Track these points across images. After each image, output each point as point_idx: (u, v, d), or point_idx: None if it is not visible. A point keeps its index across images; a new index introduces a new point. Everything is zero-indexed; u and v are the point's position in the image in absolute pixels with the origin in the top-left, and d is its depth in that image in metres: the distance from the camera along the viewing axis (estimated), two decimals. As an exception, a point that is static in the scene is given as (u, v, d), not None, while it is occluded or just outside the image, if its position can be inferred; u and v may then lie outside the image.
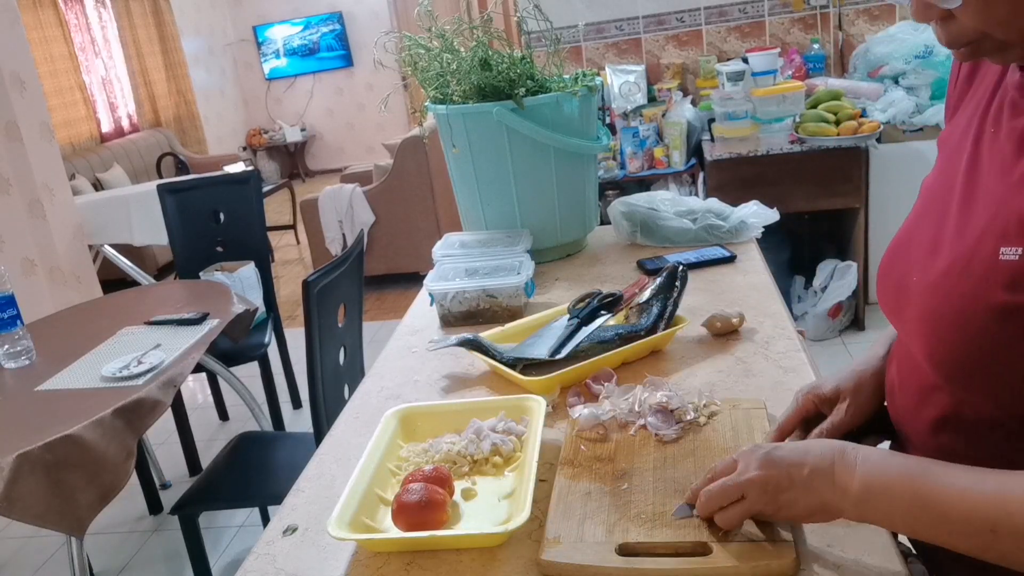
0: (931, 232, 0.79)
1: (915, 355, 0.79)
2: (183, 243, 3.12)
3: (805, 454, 0.75)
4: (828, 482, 0.72)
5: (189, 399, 3.69)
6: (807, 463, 0.74)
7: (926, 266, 0.77)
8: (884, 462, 0.72)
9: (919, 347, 0.76)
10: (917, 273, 0.78)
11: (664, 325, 1.25)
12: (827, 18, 3.84)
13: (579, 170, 1.73)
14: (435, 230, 4.66)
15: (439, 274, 1.55)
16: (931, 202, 0.82)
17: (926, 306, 0.75)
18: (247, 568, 0.90)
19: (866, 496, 0.70)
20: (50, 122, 3.90)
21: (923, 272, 0.77)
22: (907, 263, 0.81)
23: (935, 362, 0.74)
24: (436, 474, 0.93)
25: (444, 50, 1.67)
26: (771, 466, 0.75)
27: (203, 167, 6.32)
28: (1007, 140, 0.73)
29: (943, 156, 0.85)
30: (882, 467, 0.71)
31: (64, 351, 2.16)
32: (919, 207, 0.86)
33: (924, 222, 0.82)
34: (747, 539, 0.78)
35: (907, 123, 3.24)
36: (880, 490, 0.70)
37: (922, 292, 0.76)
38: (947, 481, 0.68)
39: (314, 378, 1.73)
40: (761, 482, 0.75)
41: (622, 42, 4.05)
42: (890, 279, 0.84)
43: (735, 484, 0.76)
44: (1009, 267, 0.67)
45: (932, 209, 0.81)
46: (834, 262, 3.42)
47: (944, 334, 0.72)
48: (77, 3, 6.79)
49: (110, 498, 1.79)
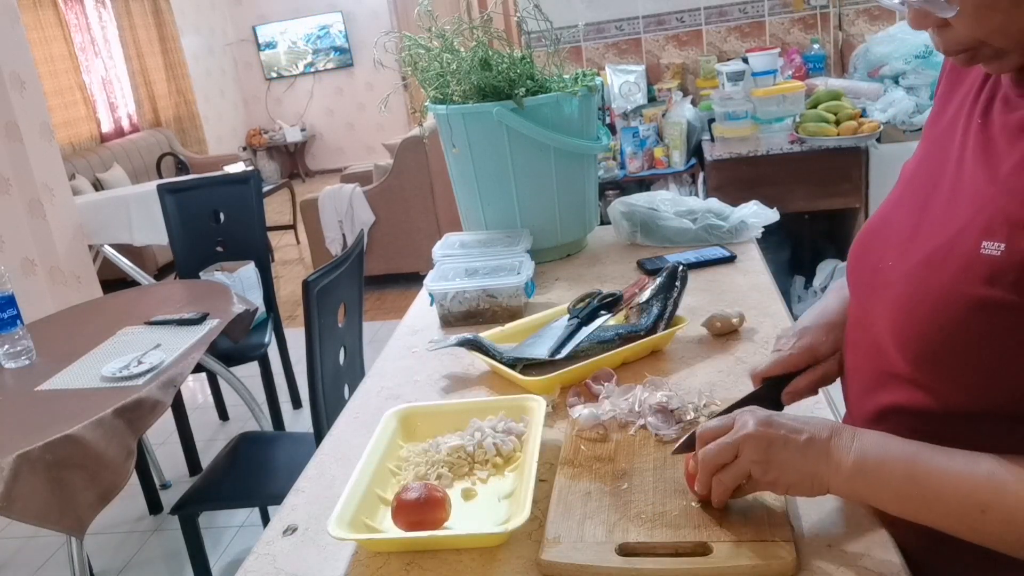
0: (911, 218, 0.78)
1: (880, 340, 0.78)
2: (183, 243, 3.12)
3: (804, 423, 0.76)
4: (823, 453, 0.73)
5: (189, 399, 3.69)
6: (805, 431, 0.75)
7: (903, 252, 0.77)
8: (880, 441, 0.73)
9: (888, 332, 0.76)
10: (893, 258, 0.78)
11: (664, 325, 1.25)
12: (827, 18, 3.84)
13: (579, 170, 1.73)
14: (435, 230, 4.66)
15: (439, 274, 1.55)
16: (912, 188, 0.82)
17: (901, 293, 0.75)
18: (247, 568, 0.90)
19: (859, 472, 0.71)
20: (50, 122, 3.90)
21: (900, 258, 0.77)
22: (883, 246, 0.81)
23: (904, 349, 0.74)
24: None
25: (444, 50, 1.67)
26: (770, 425, 0.76)
27: (203, 167, 6.32)
28: (1000, 134, 0.72)
29: (927, 142, 0.85)
30: (878, 445, 0.72)
31: (64, 351, 2.16)
32: (898, 191, 0.85)
33: (903, 207, 0.81)
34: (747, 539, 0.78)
35: (907, 123, 3.24)
36: (874, 467, 0.71)
37: (898, 279, 0.76)
38: (942, 461, 0.70)
39: (314, 378, 1.73)
40: (757, 438, 0.75)
41: (622, 42, 4.05)
42: (864, 260, 0.84)
43: (732, 441, 0.77)
44: (990, 261, 0.67)
45: (912, 195, 0.81)
46: (834, 262, 3.42)
47: (918, 322, 0.72)
48: (77, 3, 6.79)
49: (110, 498, 1.79)
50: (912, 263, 0.75)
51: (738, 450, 0.76)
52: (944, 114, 0.82)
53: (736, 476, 0.77)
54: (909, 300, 0.73)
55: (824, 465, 0.73)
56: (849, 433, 0.74)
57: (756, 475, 0.76)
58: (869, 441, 0.73)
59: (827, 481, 0.73)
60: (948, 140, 0.78)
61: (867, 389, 0.82)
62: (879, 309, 0.79)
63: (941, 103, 0.84)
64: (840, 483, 0.72)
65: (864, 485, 0.72)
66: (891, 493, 0.71)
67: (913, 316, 0.72)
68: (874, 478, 0.71)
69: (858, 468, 0.71)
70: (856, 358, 0.85)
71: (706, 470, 0.79)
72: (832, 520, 0.82)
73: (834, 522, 0.82)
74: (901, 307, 0.74)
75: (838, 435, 0.74)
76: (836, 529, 0.81)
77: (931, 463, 0.70)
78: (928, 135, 0.85)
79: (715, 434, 0.79)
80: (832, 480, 0.73)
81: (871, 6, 3.80)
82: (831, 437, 0.74)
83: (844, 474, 0.72)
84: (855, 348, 0.86)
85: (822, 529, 0.81)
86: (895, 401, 0.77)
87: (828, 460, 0.73)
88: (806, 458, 0.74)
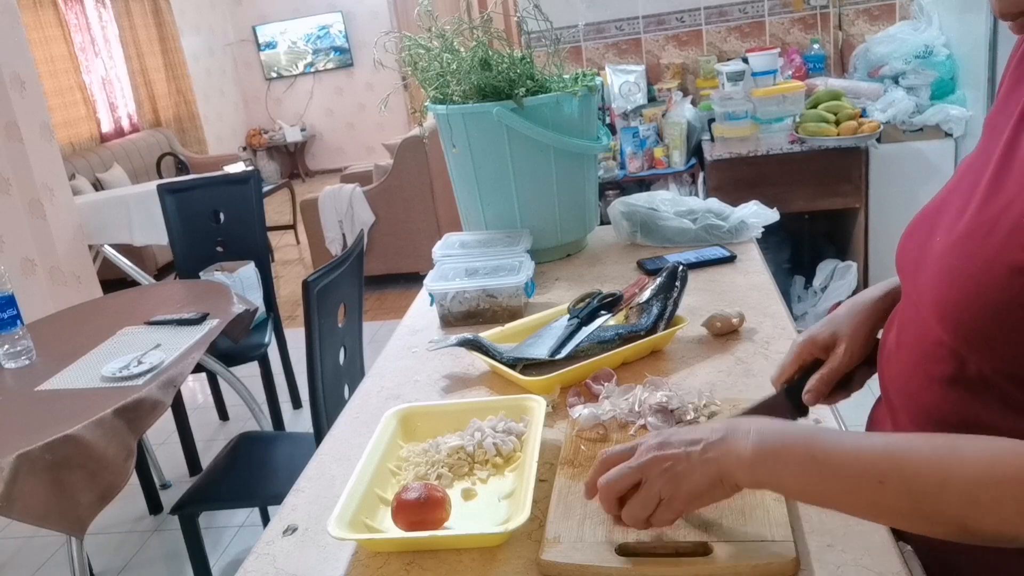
0: (959, 201, 0.78)
1: (924, 315, 0.78)
2: (183, 243, 3.12)
3: (697, 431, 0.77)
4: (723, 452, 0.74)
5: (189, 399, 3.69)
6: (700, 439, 0.76)
7: (951, 228, 0.77)
8: (777, 428, 0.74)
9: (931, 304, 0.76)
10: (941, 234, 0.78)
11: (664, 325, 1.25)
12: (827, 18, 3.84)
13: (579, 170, 1.73)
14: (435, 230, 4.66)
15: (439, 274, 1.55)
16: (964, 176, 0.81)
17: (944, 264, 0.75)
18: (247, 568, 0.90)
19: (760, 461, 0.72)
20: (50, 122, 3.90)
21: (947, 233, 0.77)
22: (933, 228, 0.81)
23: (945, 319, 0.74)
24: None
25: (444, 50, 1.67)
26: (666, 446, 0.77)
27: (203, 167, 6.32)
28: None
29: (984, 137, 0.84)
30: (775, 432, 0.73)
31: (64, 351, 2.16)
32: (951, 183, 0.85)
33: (954, 195, 0.81)
34: (747, 539, 0.78)
35: (907, 123, 3.24)
36: (773, 453, 0.72)
37: (943, 251, 0.76)
38: (838, 439, 0.71)
39: (314, 378, 1.73)
40: (658, 461, 0.76)
41: (622, 42, 4.05)
42: (912, 240, 0.84)
43: (634, 467, 0.77)
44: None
45: (963, 182, 0.80)
46: (834, 262, 3.42)
47: (960, 291, 0.72)
48: (77, 3, 6.79)
49: (110, 498, 1.79)
50: (955, 236, 0.75)
51: (642, 474, 0.77)
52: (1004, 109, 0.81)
53: (646, 501, 0.77)
54: (952, 270, 0.73)
55: (726, 462, 0.74)
56: (745, 426, 0.75)
57: (666, 494, 0.76)
58: (768, 430, 0.74)
59: (733, 475, 0.74)
60: (1002, 131, 0.78)
61: (915, 363, 0.82)
62: (923, 282, 0.78)
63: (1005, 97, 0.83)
64: (744, 474, 0.73)
65: (766, 472, 0.72)
66: (793, 476, 0.71)
67: (955, 285, 0.72)
68: (774, 463, 0.72)
69: (757, 456, 0.72)
70: (905, 335, 0.85)
71: (608, 494, 0.79)
72: (832, 520, 0.82)
73: (834, 522, 0.82)
74: (943, 278, 0.74)
75: (733, 431, 0.75)
76: (836, 529, 0.81)
77: (827, 442, 0.71)
78: (986, 130, 0.84)
79: (617, 459, 0.80)
80: (737, 473, 0.73)
81: (871, 6, 3.80)
82: (726, 435, 0.75)
83: (746, 464, 0.72)
84: (904, 327, 0.86)
85: (822, 529, 0.81)
86: (942, 372, 0.77)
87: (728, 456, 0.74)
88: (707, 462, 0.74)
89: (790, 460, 0.71)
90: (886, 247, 3.25)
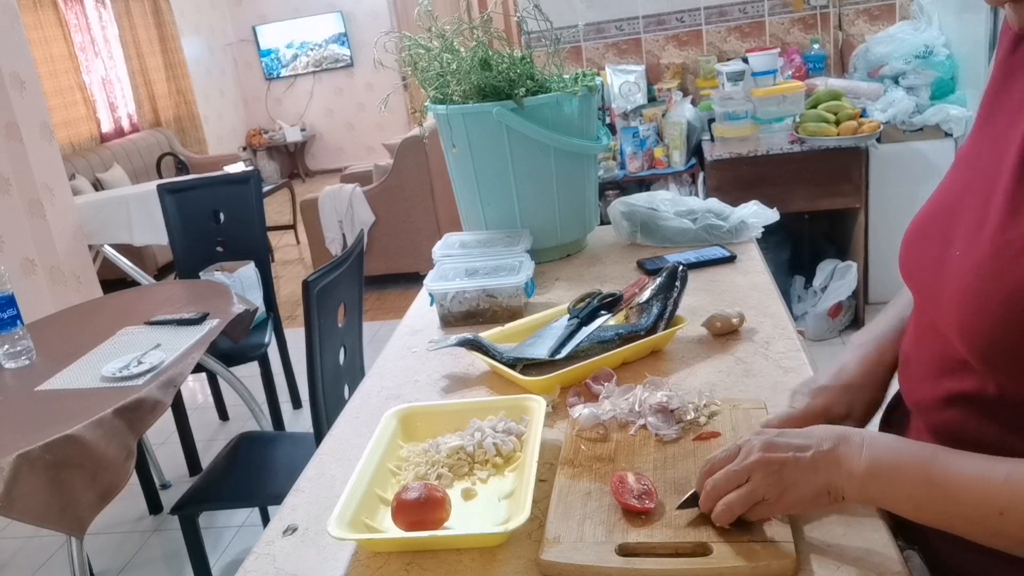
0: (977, 204, 0.75)
1: (942, 329, 0.77)
2: (183, 243, 3.12)
3: (808, 437, 0.76)
4: (833, 463, 0.73)
5: (189, 399, 3.69)
6: (811, 445, 0.74)
7: (971, 241, 0.74)
8: (892, 444, 0.73)
9: (954, 324, 0.74)
10: (961, 247, 0.75)
11: (664, 325, 1.25)
12: (827, 18, 3.84)
13: (579, 170, 1.73)
14: (435, 230, 4.66)
15: (439, 274, 1.55)
16: (972, 173, 0.79)
17: (970, 284, 0.73)
18: (247, 568, 0.90)
19: (873, 477, 0.71)
20: (50, 122, 3.90)
21: (968, 247, 0.74)
22: (946, 234, 0.78)
23: (971, 341, 0.72)
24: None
25: (444, 50, 1.67)
26: (775, 448, 0.76)
27: (203, 167, 6.32)
28: None
29: (982, 123, 0.81)
30: (891, 449, 0.72)
31: (64, 351, 2.16)
32: (954, 177, 0.83)
33: (967, 195, 0.78)
34: (747, 539, 0.78)
35: (907, 123, 3.24)
36: (888, 472, 0.71)
37: (968, 270, 0.73)
38: (960, 464, 0.69)
39: (314, 378, 1.73)
40: (766, 463, 0.75)
41: (622, 42, 4.05)
42: (924, 249, 0.82)
43: (741, 468, 0.77)
44: None
45: (974, 181, 0.77)
46: (834, 262, 3.42)
47: (989, 317, 0.70)
48: (77, 3, 6.79)
49: (110, 498, 1.79)
50: (981, 255, 0.72)
51: (749, 476, 0.76)
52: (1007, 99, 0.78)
53: (746, 500, 0.76)
54: (979, 292, 0.71)
55: (835, 474, 0.73)
56: (858, 438, 0.73)
57: (771, 497, 0.76)
58: (881, 445, 0.72)
59: (841, 489, 0.73)
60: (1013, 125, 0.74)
61: (930, 376, 0.81)
62: (945, 298, 0.76)
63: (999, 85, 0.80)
64: (855, 489, 0.72)
65: (878, 490, 0.71)
66: (907, 497, 0.70)
67: (985, 311, 0.70)
68: (888, 482, 0.71)
69: (871, 473, 0.71)
70: (918, 347, 0.84)
71: (714, 497, 0.78)
72: (832, 520, 0.82)
73: (834, 522, 0.82)
74: (970, 301, 0.72)
75: (846, 442, 0.74)
76: (836, 529, 0.81)
77: (948, 466, 0.69)
78: (984, 117, 0.81)
79: (722, 463, 0.79)
80: (846, 487, 0.72)
81: (871, 6, 3.80)
82: (838, 445, 0.73)
83: (857, 480, 0.71)
84: (917, 338, 0.85)
85: (822, 529, 0.81)
86: (961, 388, 0.76)
87: (839, 469, 0.72)
88: (816, 471, 0.73)
89: (905, 481, 0.70)
90: (886, 247, 3.25)
